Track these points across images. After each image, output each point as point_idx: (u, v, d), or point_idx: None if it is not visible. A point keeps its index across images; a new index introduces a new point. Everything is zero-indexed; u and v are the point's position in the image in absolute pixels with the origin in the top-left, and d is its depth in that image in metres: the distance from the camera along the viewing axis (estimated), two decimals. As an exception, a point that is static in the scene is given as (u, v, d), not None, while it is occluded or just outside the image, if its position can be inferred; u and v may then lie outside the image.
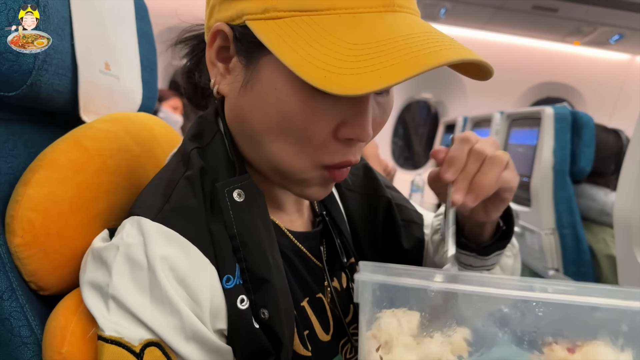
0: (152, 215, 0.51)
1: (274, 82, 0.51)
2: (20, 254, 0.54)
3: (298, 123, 0.51)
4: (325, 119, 0.51)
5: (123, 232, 0.51)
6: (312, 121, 0.51)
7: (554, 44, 4.82)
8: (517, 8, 3.96)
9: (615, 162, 2.09)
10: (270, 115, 0.52)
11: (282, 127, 0.52)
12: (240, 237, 0.53)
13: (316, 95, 0.49)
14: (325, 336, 0.62)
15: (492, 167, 0.58)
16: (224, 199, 0.54)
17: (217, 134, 0.60)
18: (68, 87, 0.65)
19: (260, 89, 0.52)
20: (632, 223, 1.09)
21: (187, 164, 0.56)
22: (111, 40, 0.78)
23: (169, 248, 0.49)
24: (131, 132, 0.69)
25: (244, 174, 0.58)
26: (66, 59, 0.63)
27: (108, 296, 0.48)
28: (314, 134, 0.52)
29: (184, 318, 0.48)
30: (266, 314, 0.53)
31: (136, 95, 0.88)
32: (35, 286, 0.56)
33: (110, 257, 0.50)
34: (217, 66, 0.56)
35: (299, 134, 0.52)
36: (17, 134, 0.61)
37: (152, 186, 0.57)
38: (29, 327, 0.54)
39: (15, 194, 0.55)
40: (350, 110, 0.51)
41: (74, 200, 0.58)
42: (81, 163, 0.59)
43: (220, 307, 0.52)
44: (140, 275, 0.48)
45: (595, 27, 4.23)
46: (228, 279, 0.52)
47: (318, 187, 0.58)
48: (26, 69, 0.54)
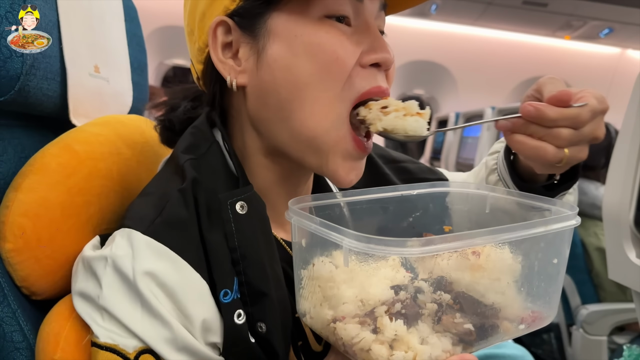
0: (143, 228, 0.51)
1: (292, 30, 0.54)
2: (11, 259, 0.54)
3: (329, 53, 0.54)
4: (350, 45, 0.55)
5: (113, 244, 0.51)
6: (341, 47, 0.54)
7: (544, 38, 4.84)
8: (508, 3, 3.98)
9: (605, 156, 2.11)
10: (299, 64, 0.54)
11: (314, 69, 0.54)
12: (241, 249, 0.53)
13: (335, 24, 0.55)
14: (318, 347, 0.62)
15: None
16: (227, 210, 0.53)
17: (214, 145, 0.60)
18: (57, 91, 0.65)
19: (280, 47, 0.54)
20: (621, 216, 1.09)
21: (181, 175, 0.56)
22: (100, 43, 0.78)
23: (159, 263, 0.49)
24: (122, 135, 0.69)
25: (246, 184, 0.57)
26: (55, 63, 0.63)
27: (100, 307, 0.48)
28: (345, 61, 0.54)
29: (175, 330, 0.48)
30: (263, 327, 0.52)
31: (127, 97, 0.87)
32: (27, 291, 0.56)
33: (100, 268, 0.50)
34: (226, 63, 0.58)
35: (333, 67, 0.54)
36: (6, 139, 0.61)
37: (145, 196, 0.57)
38: (21, 332, 0.54)
39: (5, 200, 0.55)
40: (368, 39, 0.56)
41: (65, 204, 0.57)
42: (72, 167, 0.59)
43: (214, 321, 0.51)
44: (129, 287, 0.48)
45: (585, 22, 4.25)
46: (226, 293, 0.52)
47: (342, 161, 0.58)
48: (14, 74, 0.54)
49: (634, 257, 1.08)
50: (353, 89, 0.55)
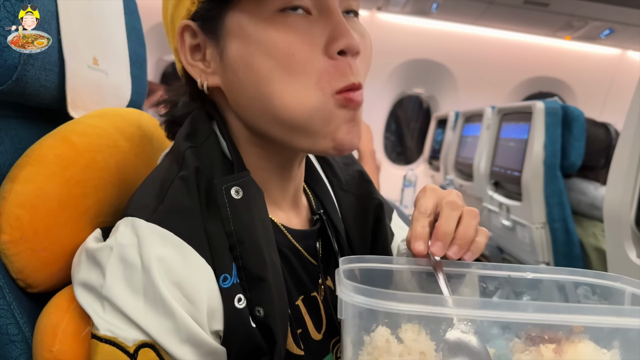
0: (147, 216, 0.51)
1: (246, 29, 0.53)
2: (7, 251, 0.53)
3: (283, 50, 0.52)
4: (307, 39, 0.53)
5: (117, 233, 0.51)
6: (296, 43, 0.52)
7: (545, 38, 4.83)
8: (509, 3, 3.97)
9: (605, 156, 2.11)
10: (257, 62, 0.53)
11: (275, 67, 0.52)
12: (237, 234, 0.53)
13: (291, 17, 0.52)
14: (317, 335, 0.62)
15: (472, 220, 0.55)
16: (222, 195, 0.54)
17: (212, 134, 0.60)
18: (55, 82, 0.64)
19: (238, 48, 0.54)
20: (622, 217, 1.09)
21: (181, 163, 0.56)
22: (99, 35, 0.77)
23: (164, 249, 0.49)
24: (120, 127, 0.69)
25: (242, 170, 0.57)
26: (53, 54, 0.62)
27: (102, 297, 0.48)
28: (304, 56, 0.52)
29: (179, 320, 0.48)
30: (261, 311, 0.52)
31: (125, 90, 0.87)
32: (23, 284, 0.55)
33: (104, 258, 0.49)
34: (195, 65, 0.58)
35: (291, 63, 0.52)
36: (3, 129, 0.60)
37: (146, 186, 0.57)
38: (16, 325, 0.53)
39: (2, 190, 0.55)
40: (329, 27, 0.53)
41: (62, 196, 0.57)
42: (69, 159, 0.59)
43: (217, 307, 0.51)
44: (134, 276, 0.48)
45: (586, 22, 4.24)
46: (225, 278, 0.52)
47: (344, 126, 0.55)
48: (11, 64, 0.53)
49: (634, 257, 1.07)
50: (329, 84, 0.53)
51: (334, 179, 0.75)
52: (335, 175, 0.76)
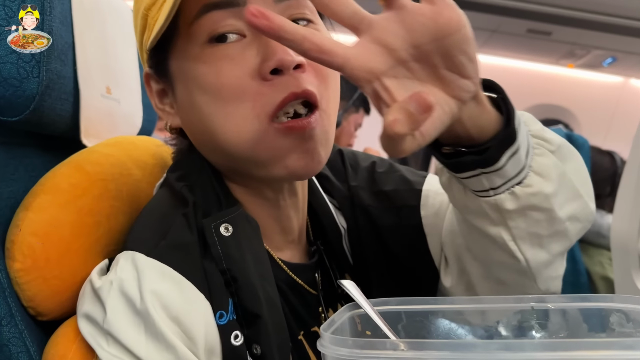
0: (147, 251, 0.51)
1: (182, 68, 0.55)
2: (19, 279, 0.53)
3: (212, 82, 0.52)
4: (238, 65, 0.51)
5: (117, 267, 0.51)
6: (224, 72, 0.51)
7: (548, 66, 4.87)
8: (512, 31, 4.01)
9: (611, 184, 2.11)
10: (195, 99, 0.54)
11: (210, 100, 0.52)
12: (230, 272, 0.53)
13: (218, 47, 0.51)
14: None
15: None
16: (211, 234, 0.53)
17: (203, 171, 0.59)
18: (70, 111, 0.65)
19: (180, 89, 0.56)
20: (630, 245, 1.09)
21: (182, 200, 0.56)
22: (112, 65, 0.79)
23: (163, 284, 0.49)
24: (133, 156, 0.70)
25: (232, 205, 0.57)
26: (68, 84, 0.64)
27: (104, 331, 0.48)
28: (234, 83, 0.51)
29: (180, 354, 0.47)
30: (258, 349, 0.52)
31: (137, 118, 0.88)
32: (33, 312, 0.55)
33: (104, 292, 0.49)
34: (163, 109, 0.61)
35: (222, 93, 0.51)
36: (18, 157, 0.61)
37: (145, 219, 0.57)
38: (27, 354, 0.53)
39: (16, 219, 0.55)
40: (261, 48, 0.50)
41: (75, 225, 0.57)
42: (83, 188, 0.59)
43: (216, 343, 0.51)
44: (134, 310, 0.48)
45: (589, 50, 4.28)
46: (221, 314, 0.51)
47: (293, 154, 0.52)
48: (30, 94, 0.55)
49: (643, 287, 1.07)
50: (263, 108, 0.51)
51: (334, 192, 0.70)
52: (338, 189, 0.70)
